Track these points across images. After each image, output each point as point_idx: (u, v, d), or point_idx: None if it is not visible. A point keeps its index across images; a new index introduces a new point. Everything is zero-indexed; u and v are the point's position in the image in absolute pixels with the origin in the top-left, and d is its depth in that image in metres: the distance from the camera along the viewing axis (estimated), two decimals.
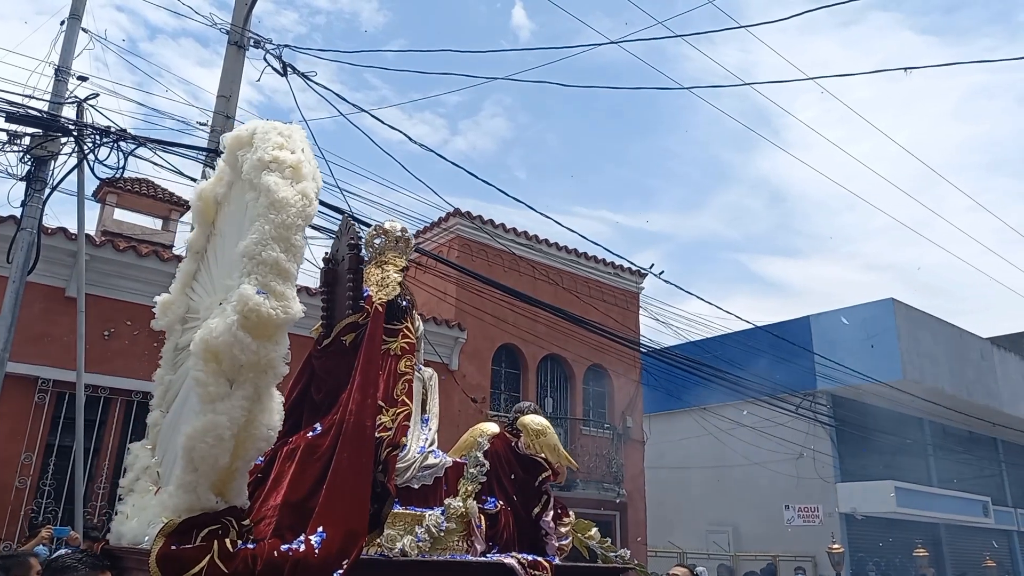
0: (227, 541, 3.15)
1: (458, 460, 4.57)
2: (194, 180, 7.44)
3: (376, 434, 4.00)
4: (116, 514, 4.16)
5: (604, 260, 15.89)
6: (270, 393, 3.32)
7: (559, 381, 15.29)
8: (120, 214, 11.78)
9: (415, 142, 8.92)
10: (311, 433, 4.03)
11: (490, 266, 13.71)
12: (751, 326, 14.26)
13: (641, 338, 15.41)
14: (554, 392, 15.09)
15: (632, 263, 14.95)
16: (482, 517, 4.33)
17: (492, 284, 11.12)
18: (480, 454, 4.47)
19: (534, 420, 4.96)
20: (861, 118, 17.95)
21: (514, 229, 14.66)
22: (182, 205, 11.65)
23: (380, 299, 4.49)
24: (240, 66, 7.68)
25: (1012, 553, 21.46)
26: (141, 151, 7.46)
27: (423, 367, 4.87)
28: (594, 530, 4.96)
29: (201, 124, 7.93)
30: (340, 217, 8.79)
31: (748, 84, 8.76)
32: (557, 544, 4.65)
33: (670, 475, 18.64)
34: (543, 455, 4.81)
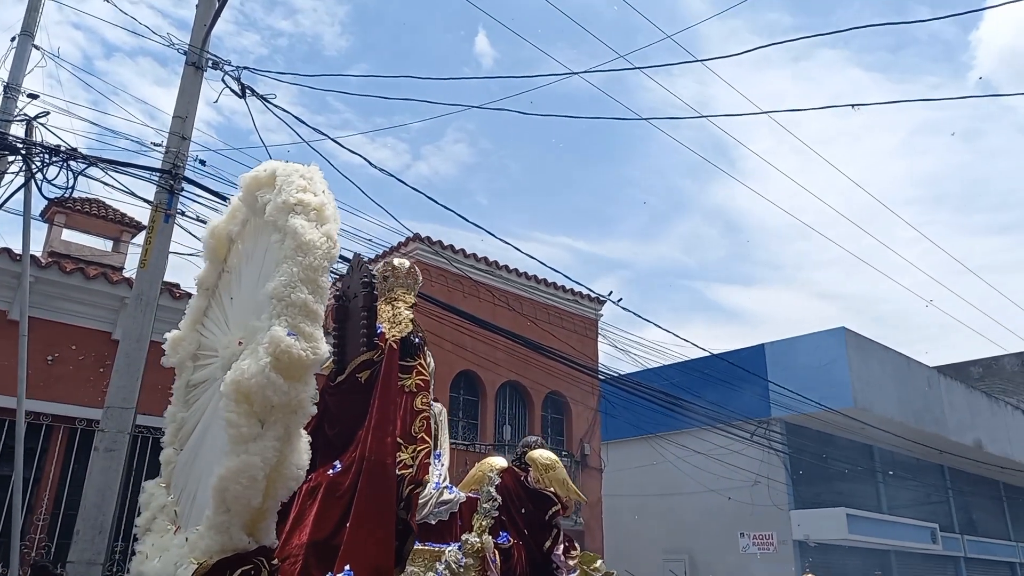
0: None
1: (471, 495, 4.63)
2: (147, 201, 7.28)
3: (397, 471, 4.05)
4: (134, 554, 4.12)
5: (563, 287, 15.97)
6: (299, 433, 3.40)
7: (517, 408, 15.23)
8: (69, 235, 11.45)
9: (375, 167, 8.89)
10: (331, 471, 4.06)
11: (449, 291, 13.67)
12: (707, 354, 14.44)
13: (600, 365, 15.47)
14: (512, 419, 15.02)
15: (591, 290, 15.06)
16: (496, 552, 4.41)
17: (451, 310, 11.07)
18: (492, 489, 4.54)
19: (543, 455, 5.06)
20: (812, 151, 18.50)
21: (474, 255, 14.65)
22: (134, 226, 11.38)
23: (394, 336, 4.53)
24: (197, 87, 7.56)
25: None
26: (92, 171, 7.26)
27: (433, 402, 4.91)
28: (599, 562, 5.07)
29: (156, 145, 7.79)
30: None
31: (704, 116, 8.96)
32: None
33: (626, 503, 18.64)
34: (552, 489, 4.91)
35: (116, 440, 6.41)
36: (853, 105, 7.82)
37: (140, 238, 8.20)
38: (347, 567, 3.56)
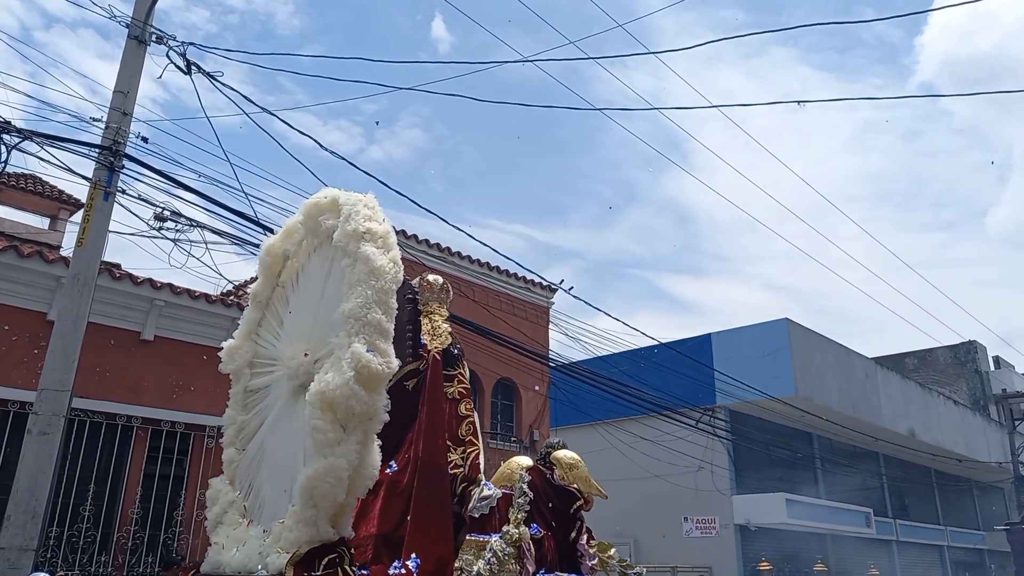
0: (346, 568, 3.66)
1: (506, 491, 5.05)
2: (86, 178, 7.05)
3: (449, 470, 4.66)
4: (211, 544, 4.58)
5: (515, 274, 16.01)
6: (374, 437, 3.84)
7: None
8: (2, 211, 11.04)
9: (326, 149, 8.74)
10: (389, 470, 4.53)
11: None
12: (656, 343, 14.67)
13: (550, 352, 15.58)
14: None
15: (543, 278, 15.14)
16: (530, 542, 4.88)
17: None
18: (524, 485, 4.92)
19: (567, 455, 5.61)
20: (761, 146, 18.80)
21: (426, 240, 14.58)
22: (72, 204, 11.02)
23: (436, 347, 5.06)
24: (140, 62, 7.33)
25: (892, 562, 22.79)
26: (28, 145, 7.01)
27: None
28: (613, 550, 5.67)
29: (95, 120, 7.53)
30: (246, 225, 8.53)
31: (655, 108, 9.07)
32: (590, 564, 5.27)
33: None
34: (575, 486, 5.45)
35: (50, 423, 6.23)
36: (799, 102, 8.12)
37: (79, 216, 7.94)
38: (413, 555, 4.06)
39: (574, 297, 15.83)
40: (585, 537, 5.35)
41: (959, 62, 74.06)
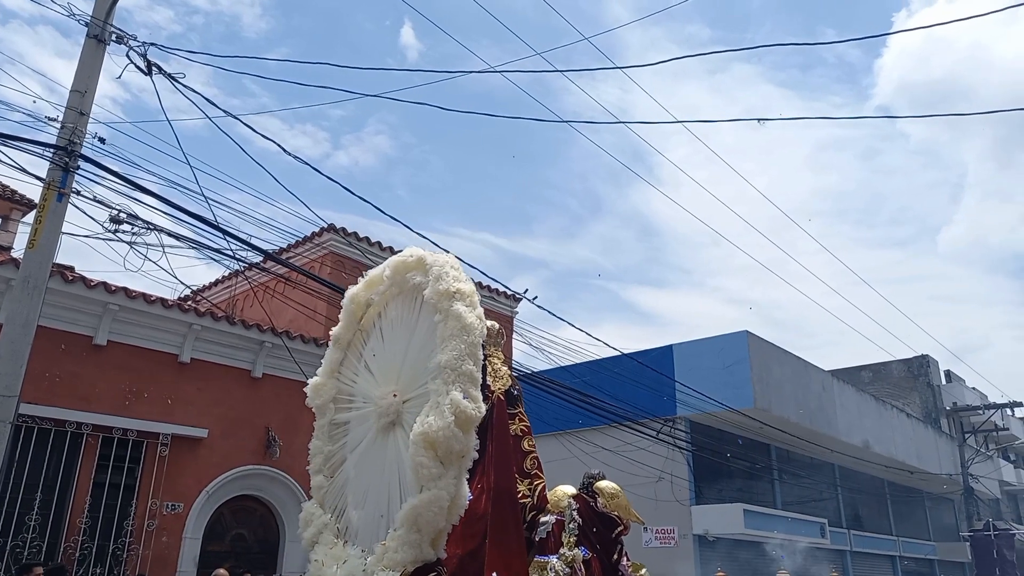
0: None
1: (559, 517, 5.65)
2: (39, 178, 6.88)
3: (520, 500, 5.31)
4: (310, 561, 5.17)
5: (480, 283, 15.99)
6: (466, 472, 4.46)
7: None
8: None
9: (289, 154, 8.65)
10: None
11: None
12: (618, 353, 14.76)
13: (514, 362, 15.57)
14: None
15: (508, 288, 15.13)
16: (581, 563, 5.48)
17: None
18: (575, 513, 5.57)
19: (609, 485, 6.34)
20: (724, 162, 19.18)
21: (390, 248, 14.50)
22: (25, 204, 10.74)
23: (499, 388, 5.50)
24: (99, 61, 7.18)
25: (845, 572, 23.18)
26: None
27: None
28: (644, 570, 6.36)
29: (52, 119, 7.35)
30: (205, 229, 8.39)
31: (621, 122, 9.14)
32: None
33: None
34: (616, 513, 6.12)
35: None
36: (759, 119, 8.28)
37: (31, 217, 7.73)
38: (494, 573, 4.60)
39: (538, 307, 15.83)
40: (625, 559, 6.06)
41: (915, 85, 76.31)
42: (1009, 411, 33.37)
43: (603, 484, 6.33)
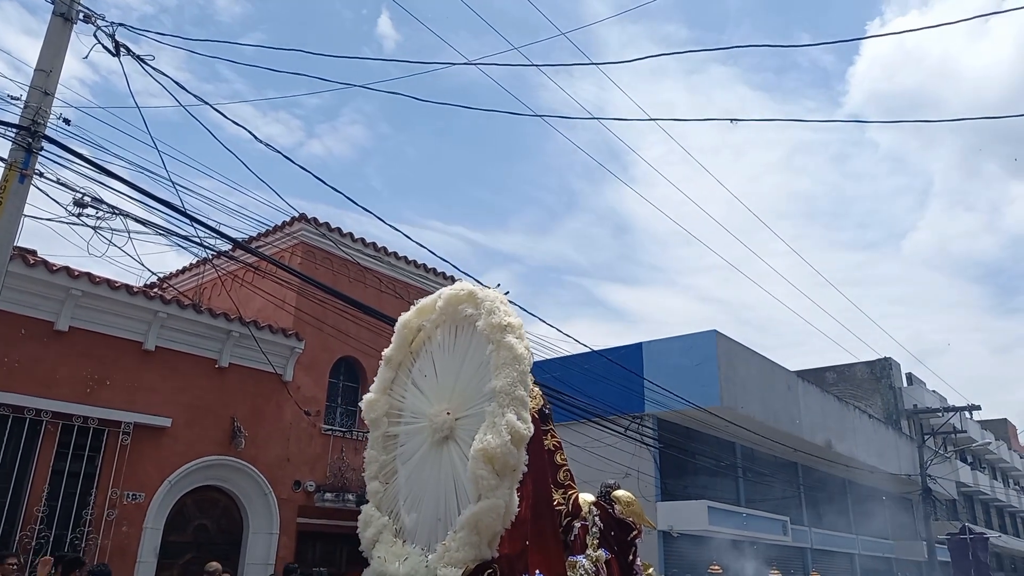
0: None
1: (583, 522, 6.44)
2: (1, 159, 6.70)
3: (555, 507, 6.03)
4: (372, 558, 5.92)
5: (453, 277, 15.93)
6: (516, 483, 5.27)
7: None
8: None
9: (261, 141, 8.53)
10: None
11: (335, 275, 13.37)
12: (588, 350, 14.82)
13: None
14: None
15: (480, 282, 15.07)
16: (603, 563, 6.22)
17: (334, 294, 10.84)
18: (596, 518, 6.46)
19: (625, 494, 7.14)
20: (697, 162, 19.31)
21: (362, 239, 14.39)
22: None
23: (532, 408, 5.94)
24: (66, 40, 7.01)
25: (805, 568, 23.58)
26: None
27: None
28: (652, 569, 7.25)
29: (15, 99, 7.17)
30: (172, 215, 8.25)
31: (595, 118, 9.18)
32: None
33: None
34: (631, 519, 6.89)
35: None
36: (732, 120, 8.35)
37: None
38: (537, 571, 5.26)
39: (511, 302, 15.79)
40: (639, 560, 6.83)
41: (885, 94, 77.59)
42: (967, 414, 34.18)
43: (620, 493, 7.12)
